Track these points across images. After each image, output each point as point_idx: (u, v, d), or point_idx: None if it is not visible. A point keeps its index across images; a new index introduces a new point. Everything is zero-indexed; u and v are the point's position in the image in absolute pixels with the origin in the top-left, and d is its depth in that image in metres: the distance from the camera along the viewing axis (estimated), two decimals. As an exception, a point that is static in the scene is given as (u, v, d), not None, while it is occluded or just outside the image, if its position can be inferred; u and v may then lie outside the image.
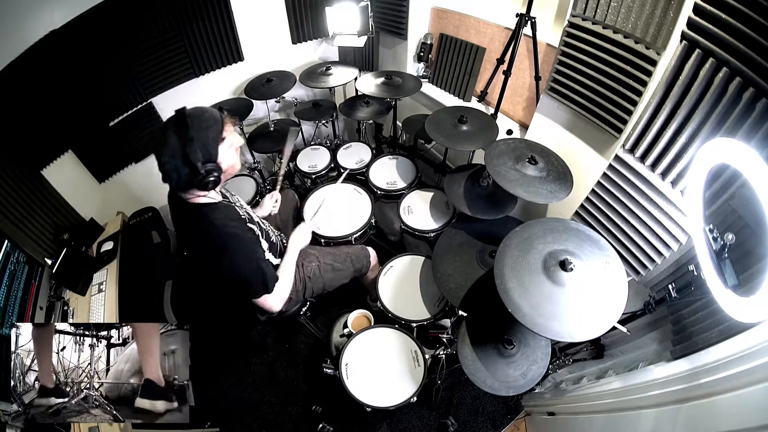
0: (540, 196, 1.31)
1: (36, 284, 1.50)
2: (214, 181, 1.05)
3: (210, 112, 1.06)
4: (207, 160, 1.02)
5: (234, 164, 1.13)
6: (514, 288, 0.99)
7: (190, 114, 1.02)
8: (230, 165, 1.12)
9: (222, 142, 1.06)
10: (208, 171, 1.02)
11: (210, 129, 1.03)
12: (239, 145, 1.15)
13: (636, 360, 1.28)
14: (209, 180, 1.03)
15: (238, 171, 1.19)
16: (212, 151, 1.04)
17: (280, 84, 2.25)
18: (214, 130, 1.04)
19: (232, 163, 1.12)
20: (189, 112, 1.02)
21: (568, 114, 1.43)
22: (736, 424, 0.73)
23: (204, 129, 1.01)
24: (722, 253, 0.76)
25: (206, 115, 1.04)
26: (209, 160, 1.03)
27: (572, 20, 1.26)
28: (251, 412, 1.87)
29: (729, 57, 0.88)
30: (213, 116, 1.05)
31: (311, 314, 1.65)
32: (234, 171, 1.16)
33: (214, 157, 1.05)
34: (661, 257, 1.23)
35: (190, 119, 1.00)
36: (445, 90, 2.26)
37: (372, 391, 1.34)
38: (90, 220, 2.00)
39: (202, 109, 1.05)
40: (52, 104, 1.71)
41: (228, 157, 1.10)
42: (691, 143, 1.04)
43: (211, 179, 1.03)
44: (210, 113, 1.05)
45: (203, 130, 1.01)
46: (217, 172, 1.04)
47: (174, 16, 1.94)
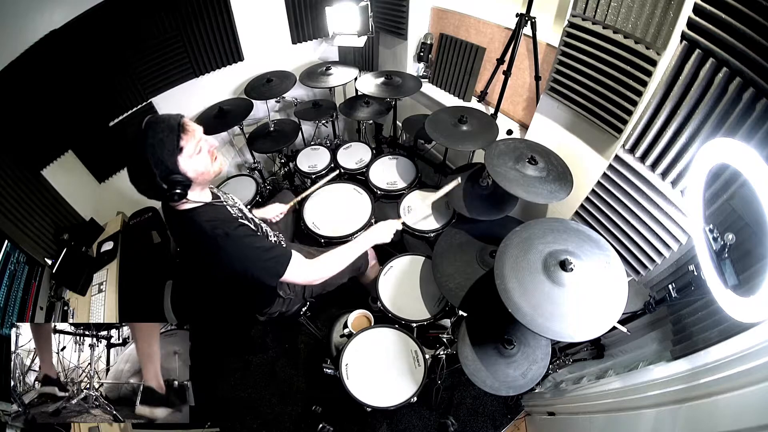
0: (540, 196, 1.31)
1: (36, 284, 1.50)
2: (180, 193, 1.01)
3: (166, 122, 0.98)
4: (165, 174, 0.98)
5: (204, 171, 1.06)
6: (514, 288, 0.99)
7: (147, 125, 0.97)
8: (199, 172, 1.04)
9: (180, 153, 0.99)
10: (171, 184, 0.98)
11: (164, 142, 0.96)
12: (211, 148, 1.09)
13: (636, 360, 1.28)
14: (174, 193, 1.00)
15: (216, 173, 1.11)
16: (169, 163, 0.98)
17: (280, 84, 2.25)
18: (169, 142, 0.97)
19: (201, 170, 1.05)
20: (146, 123, 0.97)
21: (568, 114, 1.44)
22: (736, 424, 0.73)
23: (158, 143, 0.96)
24: (722, 253, 0.76)
25: (161, 126, 0.97)
26: (170, 174, 0.98)
27: (572, 20, 1.26)
28: (251, 412, 1.87)
29: (729, 57, 0.88)
30: (168, 126, 0.98)
31: (311, 314, 1.65)
32: (209, 176, 1.09)
33: (174, 169, 0.99)
34: (661, 257, 1.23)
35: (145, 133, 0.95)
36: (445, 90, 2.26)
37: (372, 391, 1.34)
38: (90, 220, 2.00)
39: (157, 120, 0.99)
40: (52, 104, 1.71)
41: (193, 165, 1.02)
42: (691, 143, 1.04)
43: (177, 191, 1.00)
44: (165, 124, 0.98)
45: (157, 144, 0.96)
46: (182, 184, 1.00)
47: (174, 16, 1.94)
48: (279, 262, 1.15)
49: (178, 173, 1.00)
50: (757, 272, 0.75)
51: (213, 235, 1.06)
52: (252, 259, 1.11)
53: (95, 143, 1.96)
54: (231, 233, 1.08)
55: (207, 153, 1.06)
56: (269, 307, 1.46)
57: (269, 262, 1.14)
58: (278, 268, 1.15)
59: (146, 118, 0.98)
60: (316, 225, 1.81)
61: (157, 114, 1.01)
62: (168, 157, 0.97)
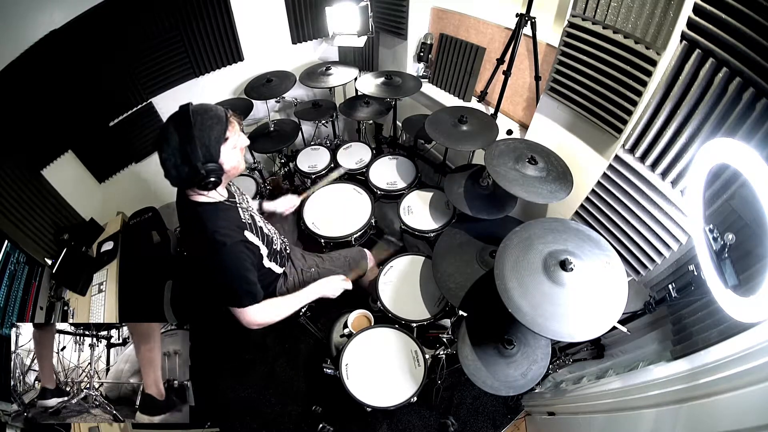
0: (540, 196, 1.31)
1: (36, 284, 1.50)
2: (215, 182, 1.03)
3: (215, 110, 1.03)
4: (208, 160, 1.00)
5: (237, 165, 1.11)
6: (514, 288, 0.99)
7: (194, 111, 0.99)
8: (233, 166, 1.09)
9: (225, 143, 1.04)
10: (209, 172, 1.01)
11: (213, 129, 1.00)
12: (244, 146, 1.13)
13: (636, 360, 1.28)
14: (209, 181, 1.02)
15: (241, 171, 1.16)
16: (214, 151, 1.01)
17: (280, 84, 2.25)
18: (218, 130, 1.01)
19: (235, 164, 1.10)
20: (193, 109, 0.99)
21: (568, 114, 1.44)
22: (736, 424, 0.73)
23: (207, 128, 0.99)
24: (722, 253, 0.76)
25: (210, 114, 1.01)
26: (210, 161, 1.01)
27: (572, 20, 1.26)
28: (251, 412, 1.87)
29: (729, 57, 0.88)
30: (217, 115, 1.02)
31: (311, 314, 1.65)
32: (237, 172, 1.13)
33: (216, 157, 1.02)
34: (661, 257, 1.23)
35: (193, 117, 0.98)
36: (445, 90, 2.26)
37: (372, 391, 1.34)
38: (90, 220, 2.00)
39: (206, 107, 1.02)
40: (52, 104, 1.71)
41: (231, 158, 1.07)
42: (691, 143, 1.04)
43: (212, 180, 1.02)
44: (215, 112, 1.02)
45: (206, 130, 0.99)
46: (217, 173, 1.03)
47: (174, 16, 1.95)
48: (249, 297, 1.15)
49: (217, 162, 1.03)
50: (757, 272, 0.75)
51: (214, 239, 1.07)
52: (232, 280, 1.13)
53: (95, 143, 1.96)
54: (230, 245, 1.09)
55: (239, 150, 1.11)
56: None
57: (242, 292, 1.14)
58: (244, 300, 1.15)
59: (188, 105, 1.00)
60: (316, 225, 1.81)
61: (203, 104, 1.04)
62: (215, 144, 1.01)
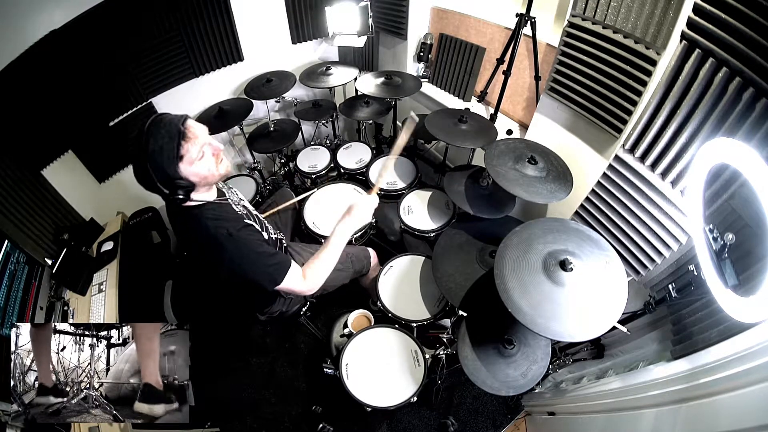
0: (540, 196, 1.31)
1: (36, 284, 1.50)
2: (182, 198, 1.00)
3: (166, 127, 0.94)
4: (164, 179, 0.96)
5: (206, 174, 1.02)
6: (514, 288, 0.99)
7: (147, 130, 0.93)
8: (202, 176, 1.01)
9: (181, 161, 0.96)
10: (172, 189, 0.97)
11: (163, 150, 0.93)
12: (215, 151, 1.05)
13: (636, 360, 1.28)
14: (177, 197, 0.99)
15: (221, 176, 1.08)
16: (169, 171, 0.95)
17: (280, 84, 2.25)
18: (168, 149, 0.94)
19: (205, 174, 1.02)
20: (147, 127, 0.94)
21: (568, 114, 1.44)
22: (736, 424, 0.73)
23: (157, 150, 0.93)
24: (722, 253, 0.76)
25: (161, 132, 0.93)
26: (169, 179, 0.97)
27: (572, 20, 1.26)
28: (251, 412, 1.87)
29: (729, 57, 0.88)
30: (168, 133, 0.94)
31: (311, 314, 1.65)
32: (213, 179, 1.06)
33: (173, 175, 0.96)
34: (661, 257, 1.23)
35: (146, 137, 0.93)
36: (445, 90, 2.26)
37: (372, 391, 1.34)
38: (90, 220, 2.00)
39: (159, 123, 0.95)
40: (52, 104, 1.71)
41: (195, 170, 0.99)
42: (691, 143, 1.04)
43: (179, 196, 0.99)
44: (165, 129, 0.94)
45: (157, 152, 0.93)
46: (183, 189, 0.99)
47: (174, 16, 1.94)
48: (278, 269, 1.13)
49: (179, 179, 0.98)
50: (757, 272, 0.75)
51: (216, 234, 1.06)
52: (253, 263, 1.11)
53: (95, 143, 1.96)
54: (234, 234, 1.07)
55: (211, 156, 1.03)
56: (270, 307, 1.46)
57: (270, 268, 1.12)
58: (277, 275, 1.13)
59: (150, 119, 0.95)
60: (316, 225, 1.81)
61: (161, 115, 0.97)
62: (167, 165, 0.95)
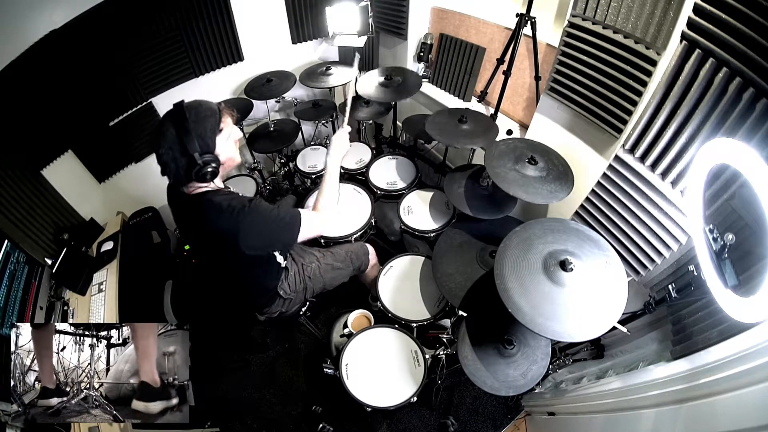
0: (540, 197, 1.31)
1: (36, 284, 1.50)
2: (212, 172, 1.05)
3: (207, 104, 1.07)
4: (204, 151, 1.03)
5: (233, 156, 1.14)
6: (514, 288, 0.99)
7: (188, 106, 1.03)
8: (229, 157, 1.12)
9: (220, 134, 1.07)
10: (206, 162, 1.03)
11: (207, 120, 1.04)
12: (238, 138, 1.16)
13: (636, 360, 1.28)
14: (207, 171, 1.03)
15: (238, 163, 1.19)
16: (209, 142, 1.04)
17: (280, 84, 2.25)
18: (212, 121, 1.05)
19: (231, 156, 1.13)
20: (187, 105, 1.04)
21: (568, 114, 1.44)
22: (736, 424, 0.73)
23: (201, 120, 1.03)
24: (722, 253, 0.76)
25: (203, 107, 1.05)
26: (207, 151, 1.04)
27: (572, 20, 1.26)
28: (251, 412, 1.87)
29: (729, 57, 0.88)
30: (210, 108, 1.06)
31: (311, 314, 1.65)
32: (233, 163, 1.16)
33: (212, 148, 1.05)
34: (661, 257, 1.23)
35: (187, 111, 1.02)
36: (445, 90, 2.26)
37: (372, 391, 1.34)
38: (90, 220, 2.00)
39: (199, 101, 1.07)
40: (52, 104, 1.71)
41: (226, 149, 1.11)
42: (691, 143, 1.04)
43: (209, 170, 1.04)
44: (207, 105, 1.07)
45: (200, 122, 1.02)
46: (215, 163, 1.05)
47: (174, 16, 1.94)
48: (293, 221, 1.15)
49: (213, 153, 1.05)
50: (757, 272, 0.75)
51: (231, 208, 1.06)
52: (273, 222, 1.12)
53: (95, 143, 1.96)
54: (248, 206, 1.08)
55: (234, 142, 1.14)
56: (269, 307, 1.46)
57: (287, 227, 1.15)
58: (294, 232, 1.15)
59: (182, 102, 1.04)
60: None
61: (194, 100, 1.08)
62: (210, 135, 1.04)
